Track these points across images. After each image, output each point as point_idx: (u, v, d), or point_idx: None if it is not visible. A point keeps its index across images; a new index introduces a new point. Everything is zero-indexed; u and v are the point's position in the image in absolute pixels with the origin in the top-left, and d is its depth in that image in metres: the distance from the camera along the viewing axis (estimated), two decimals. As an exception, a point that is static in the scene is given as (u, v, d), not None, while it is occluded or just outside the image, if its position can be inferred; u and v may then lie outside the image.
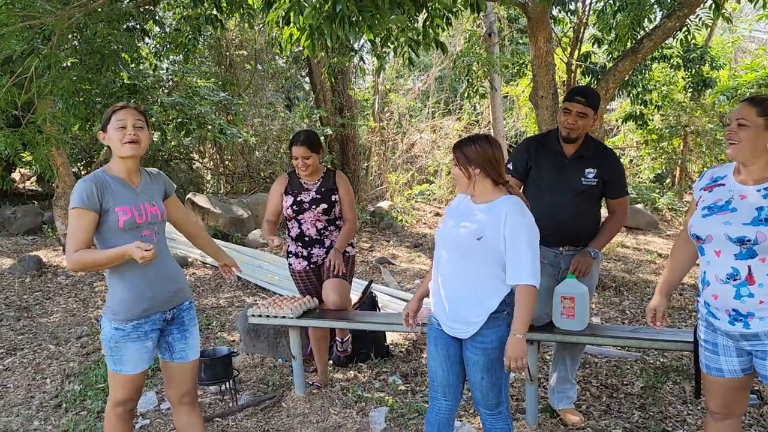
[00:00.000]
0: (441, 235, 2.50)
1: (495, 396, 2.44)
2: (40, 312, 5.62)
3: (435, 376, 2.55)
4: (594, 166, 3.13)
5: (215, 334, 5.06)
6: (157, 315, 2.46)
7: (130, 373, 2.43)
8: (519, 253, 2.31)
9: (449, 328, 2.46)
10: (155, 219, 2.48)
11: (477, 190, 2.43)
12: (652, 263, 7.35)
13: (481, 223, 2.36)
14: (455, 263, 2.42)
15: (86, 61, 4.98)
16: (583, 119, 3.05)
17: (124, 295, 2.40)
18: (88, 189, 2.32)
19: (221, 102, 8.91)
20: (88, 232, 2.33)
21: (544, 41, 5.39)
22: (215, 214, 8.85)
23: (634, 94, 9.26)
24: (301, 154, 3.60)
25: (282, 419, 3.49)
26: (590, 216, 3.19)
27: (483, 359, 2.38)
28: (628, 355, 4.30)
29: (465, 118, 12.45)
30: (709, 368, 2.31)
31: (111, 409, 2.51)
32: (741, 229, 2.10)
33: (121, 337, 2.39)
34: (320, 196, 3.68)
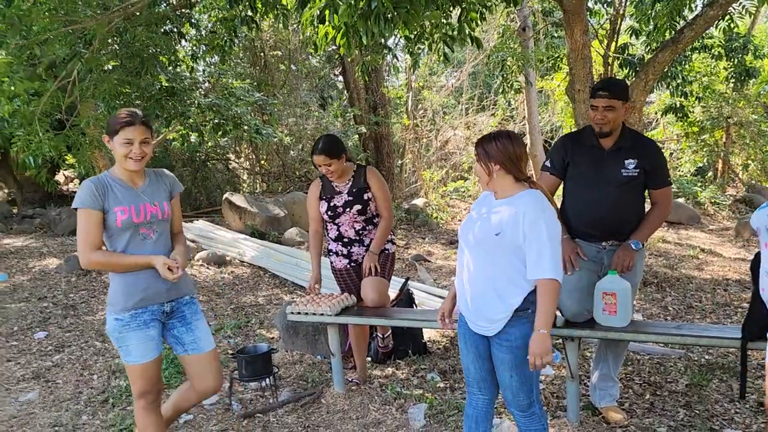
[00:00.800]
0: (462, 232, 2.50)
1: (525, 395, 2.40)
2: (86, 310, 5.78)
3: (468, 372, 2.56)
4: (634, 157, 3.07)
5: (254, 332, 5.13)
6: (155, 306, 2.58)
7: (140, 362, 2.54)
8: (539, 247, 2.27)
9: (475, 326, 2.45)
10: (155, 218, 2.58)
11: (498, 186, 2.42)
12: (695, 258, 7.17)
13: (500, 218, 2.34)
14: (477, 260, 2.41)
15: (126, 65, 5.11)
16: (612, 111, 3.00)
17: (120, 287, 2.53)
18: (90, 189, 2.45)
19: (257, 102, 9.02)
20: (98, 230, 2.47)
21: (580, 34, 5.30)
22: (252, 213, 8.96)
23: (674, 86, 9.05)
24: (321, 162, 3.59)
25: (322, 415, 3.52)
26: (633, 208, 3.12)
27: (509, 357, 2.35)
28: (671, 353, 4.20)
29: (499, 113, 12.34)
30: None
31: (136, 402, 2.63)
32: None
33: (122, 327, 2.51)
34: (352, 197, 3.68)
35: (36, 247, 8.04)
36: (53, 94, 4.41)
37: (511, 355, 2.35)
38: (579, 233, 3.19)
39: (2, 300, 5.96)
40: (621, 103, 3.02)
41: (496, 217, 2.37)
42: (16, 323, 5.35)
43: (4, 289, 6.28)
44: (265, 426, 3.42)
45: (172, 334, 2.68)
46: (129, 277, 2.52)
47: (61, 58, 4.33)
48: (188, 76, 7.91)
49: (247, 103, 8.67)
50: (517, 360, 2.35)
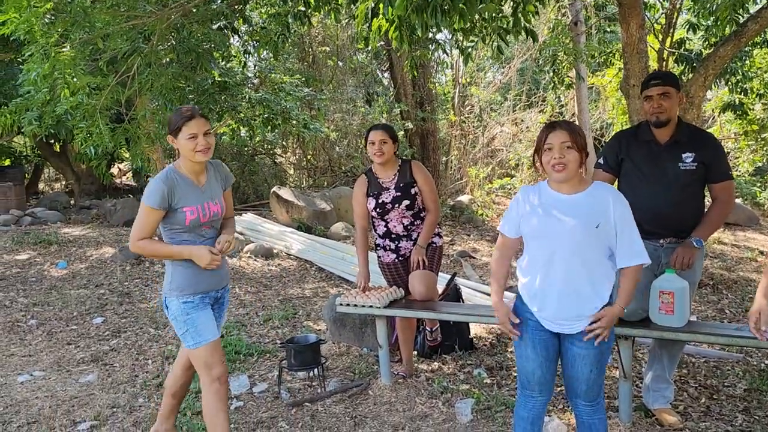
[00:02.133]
0: (545, 229, 2.35)
1: (598, 386, 2.41)
2: (140, 297, 5.96)
3: (532, 377, 2.46)
4: (692, 150, 3.00)
5: (302, 323, 5.20)
6: (213, 292, 2.73)
7: (212, 339, 2.63)
8: (631, 236, 2.33)
9: (555, 326, 2.38)
10: (216, 217, 2.70)
11: (576, 179, 2.34)
12: (753, 261, 6.92)
13: (592, 210, 2.31)
14: (567, 256, 2.31)
15: (182, 60, 5.23)
16: (667, 99, 2.99)
17: (192, 273, 2.63)
18: (161, 191, 2.53)
19: (305, 97, 9.12)
20: (154, 227, 2.60)
21: (636, 27, 5.16)
22: (299, 206, 9.07)
23: (733, 83, 8.72)
24: (378, 137, 3.61)
25: (369, 406, 3.55)
26: (692, 204, 3.03)
27: (594, 352, 2.34)
28: (728, 356, 4.07)
29: (548, 110, 12.13)
30: None
31: (208, 387, 2.64)
32: None
33: (192, 309, 2.62)
34: (400, 193, 3.68)
35: (93, 237, 8.34)
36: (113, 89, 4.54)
37: (597, 350, 2.34)
38: None
39: (62, 286, 6.21)
40: (675, 91, 3.01)
41: (587, 210, 2.31)
42: (75, 309, 5.56)
43: (64, 276, 6.54)
44: (313, 415, 3.46)
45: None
46: (197, 265, 2.62)
47: (121, 53, 4.46)
48: (239, 71, 8.07)
49: (296, 98, 8.79)
50: (600, 354, 2.35)
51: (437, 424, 3.31)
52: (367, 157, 12.18)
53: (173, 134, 2.60)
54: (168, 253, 2.63)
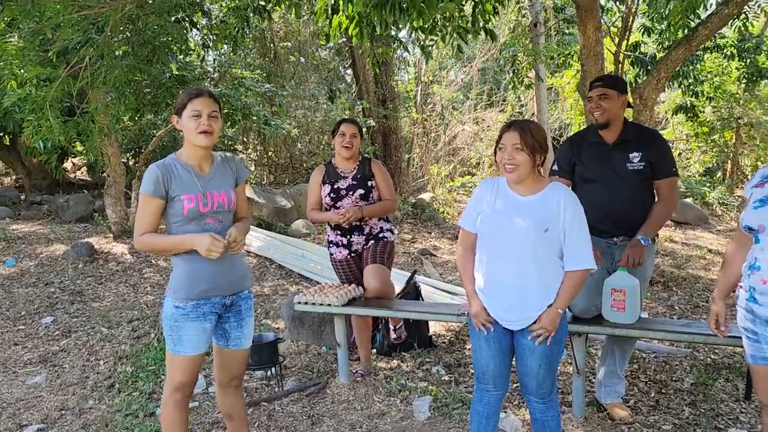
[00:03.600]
0: (496, 228, 2.38)
1: (550, 383, 2.43)
2: (93, 296, 5.81)
3: (486, 370, 2.49)
4: (639, 150, 3.07)
5: (260, 321, 5.14)
6: (218, 298, 2.47)
7: (190, 354, 2.43)
8: (580, 239, 2.33)
9: (506, 322, 2.41)
10: (221, 208, 2.46)
11: (530, 180, 2.36)
12: (702, 258, 7.14)
13: (543, 213, 2.32)
14: (517, 257, 2.34)
15: (138, 52, 5.11)
16: (606, 100, 3.05)
17: (186, 274, 2.41)
18: (155, 176, 2.35)
19: (266, 93, 9.00)
20: (155, 217, 2.39)
21: (593, 30, 5.27)
22: (259, 204, 8.97)
23: (685, 85, 9.01)
24: (350, 131, 3.67)
25: (327, 405, 3.53)
26: (642, 202, 3.11)
27: (542, 347, 2.36)
28: (677, 351, 4.19)
29: (509, 109, 12.30)
30: (754, 358, 2.25)
31: (169, 395, 2.49)
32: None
33: (181, 316, 2.40)
34: (356, 182, 3.71)
35: (43, 233, 8.08)
36: (64, 80, 4.41)
37: (544, 345, 2.36)
38: (590, 229, 3.16)
39: (10, 285, 6.00)
40: (615, 93, 3.06)
41: (538, 213, 2.32)
42: (24, 308, 5.38)
43: (11, 274, 6.32)
44: (270, 414, 3.43)
45: (222, 326, 2.56)
46: (197, 265, 2.41)
47: (73, 44, 4.33)
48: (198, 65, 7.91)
49: (257, 93, 8.66)
50: (548, 349, 2.37)
51: (395, 421, 3.32)
52: (329, 155, 12.13)
53: (178, 113, 2.41)
54: (168, 244, 2.40)
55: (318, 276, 6.29)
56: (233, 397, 2.69)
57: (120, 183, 7.77)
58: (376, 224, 3.78)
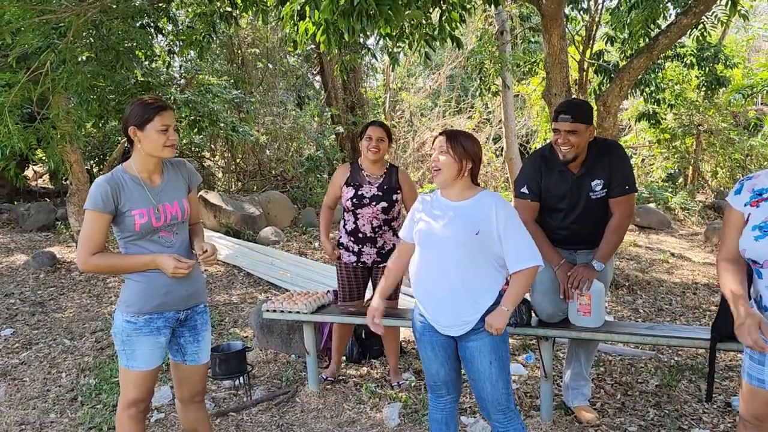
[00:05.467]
0: (428, 235, 2.41)
1: (504, 385, 2.38)
2: (55, 307, 5.66)
3: (437, 377, 2.51)
4: (600, 176, 3.01)
5: (228, 330, 5.08)
6: (171, 313, 2.40)
7: (143, 369, 2.36)
8: (518, 240, 2.34)
9: (443, 328, 2.42)
10: (175, 220, 2.39)
11: (459, 187, 2.40)
12: (665, 262, 7.30)
13: (473, 218, 2.34)
14: (448, 262, 2.36)
15: (101, 58, 5.01)
16: (575, 136, 2.89)
17: (140, 288, 2.34)
18: (104, 192, 2.25)
19: (233, 100, 8.94)
20: (103, 235, 2.29)
21: (557, 38, 5.37)
22: (227, 211, 8.88)
23: (647, 93, 9.22)
24: (377, 134, 3.55)
25: (296, 414, 3.50)
26: (604, 222, 3.09)
27: (488, 342, 2.35)
28: (642, 354, 4.27)
29: (476, 116, 12.42)
30: (751, 377, 2.13)
31: (123, 410, 2.42)
32: None
33: (133, 331, 2.33)
34: (382, 193, 3.60)
35: (3, 243, 7.86)
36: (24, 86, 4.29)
37: (490, 338, 2.35)
38: (553, 242, 3.16)
39: (-33, 296, 5.81)
40: (585, 126, 2.91)
41: (469, 217, 2.35)
42: (-18, 320, 5.21)
43: (-31, 285, 6.12)
44: (238, 425, 3.38)
45: (177, 341, 2.49)
46: (151, 279, 2.34)
47: (33, 49, 4.22)
48: (164, 71, 7.81)
49: (224, 100, 8.60)
50: (494, 343, 2.35)
51: (365, 429, 3.30)
52: (297, 161, 12.07)
53: (138, 126, 2.28)
54: (129, 265, 2.31)
55: (288, 284, 6.24)
56: (196, 413, 2.62)
57: (83, 191, 7.59)
58: (390, 239, 3.70)
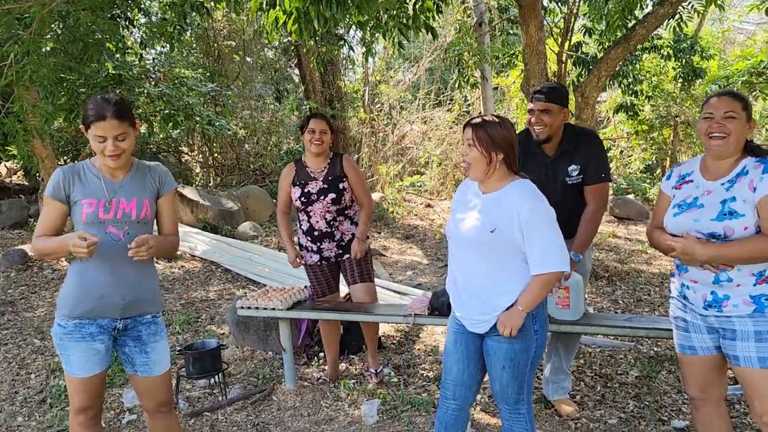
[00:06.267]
0: (451, 231, 2.36)
1: (515, 390, 2.30)
2: (26, 306, 5.51)
3: (449, 374, 2.42)
4: (577, 161, 3.02)
5: (204, 327, 4.98)
6: (106, 321, 2.29)
7: (79, 376, 2.26)
8: (542, 240, 2.16)
9: (470, 324, 2.35)
10: (127, 218, 2.28)
11: (493, 178, 2.26)
12: (644, 253, 7.33)
13: (493, 213, 2.21)
14: (469, 259, 2.29)
15: (69, 50, 4.87)
16: (548, 115, 2.93)
17: (71, 290, 2.27)
18: (57, 179, 2.28)
19: (209, 93, 8.78)
20: (54, 220, 2.29)
21: (535, 29, 5.33)
22: (204, 206, 8.74)
23: (625, 85, 9.25)
24: (319, 127, 3.53)
25: (272, 413, 3.43)
26: (581, 209, 3.06)
27: (505, 347, 2.25)
28: (621, 345, 4.26)
29: (456, 109, 12.38)
30: (682, 347, 2.31)
31: (73, 418, 2.33)
32: (709, 225, 2.12)
33: (64, 335, 2.26)
34: (327, 185, 3.56)
35: (-27, 241, 7.65)
36: (-13, 79, 4.16)
37: (508, 344, 2.24)
38: None
39: (-67, 296, 5.64)
40: (558, 107, 2.95)
41: (488, 212, 2.24)
42: (-52, 321, 5.06)
43: (-65, 285, 5.94)
44: (212, 425, 3.30)
45: (122, 351, 2.39)
46: (84, 281, 2.25)
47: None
48: (137, 64, 7.64)
49: (200, 93, 8.43)
50: (513, 351, 2.25)
51: (343, 427, 3.25)
52: (276, 156, 11.94)
53: (85, 126, 2.24)
54: (53, 245, 2.22)
55: (266, 279, 6.15)
56: (165, 422, 2.51)
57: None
58: (347, 229, 3.65)
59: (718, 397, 2.33)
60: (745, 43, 14.64)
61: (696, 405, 2.36)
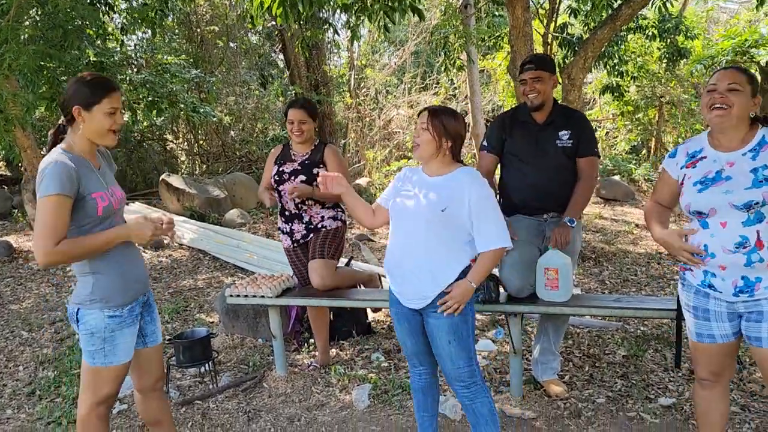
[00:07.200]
0: (399, 209, 2.45)
1: (465, 363, 2.39)
2: (12, 298, 5.46)
3: (406, 347, 2.57)
4: (566, 128, 3.15)
5: (193, 316, 4.97)
6: (141, 297, 2.33)
7: (124, 362, 2.24)
8: (489, 221, 2.34)
9: (406, 301, 2.45)
10: (122, 204, 2.32)
11: (438, 163, 2.41)
12: (630, 234, 7.39)
13: (444, 194, 2.34)
14: (414, 237, 2.38)
15: (48, 37, 4.77)
16: (540, 83, 3.10)
17: (115, 279, 2.21)
18: (69, 173, 2.05)
19: (193, 80, 8.68)
20: (68, 222, 2.07)
21: (521, 11, 5.31)
22: (190, 194, 8.68)
23: (611, 66, 9.24)
24: (297, 117, 3.52)
25: (264, 399, 3.43)
26: (570, 178, 3.15)
27: (446, 321, 2.35)
28: (609, 325, 4.30)
29: (442, 92, 12.34)
30: (700, 336, 2.25)
31: (92, 410, 2.26)
32: (745, 194, 2.05)
33: (118, 325, 2.20)
34: (301, 168, 3.56)
35: (-45, 234, 7.56)
36: (-35, 68, 4.07)
37: (447, 318, 2.35)
38: (520, 207, 3.21)
39: None
40: (548, 75, 3.12)
41: (439, 193, 2.36)
42: (-67, 314, 5.00)
43: None
44: (204, 413, 3.30)
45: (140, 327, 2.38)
46: (124, 266, 2.23)
47: (-27, 28, 3.99)
48: (119, 50, 7.53)
49: (183, 80, 8.33)
50: (453, 324, 2.35)
51: (334, 412, 3.26)
52: (262, 142, 11.86)
53: (85, 107, 2.12)
54: (101, 243, 2.11)
55: (254, 266, 6.13)
56: (159, 401, 2.51)
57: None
58: (317, 213, 3.63)
59: (727, 379, 2.33)
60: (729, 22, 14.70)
61: (703, 385, 2.33)
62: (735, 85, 2.09)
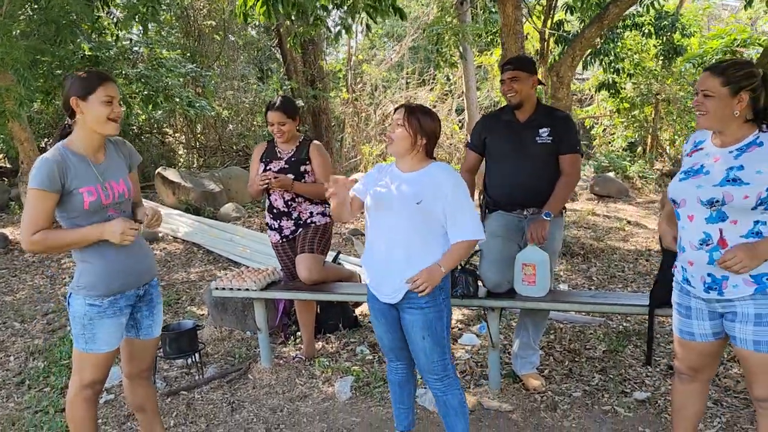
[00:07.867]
0: (374, 204, 2.47)
1: (439, 357, 2.45)
2: (6, 290, 5.53)
3: (382, 342, 2.63)
4: (547, 126, 3.22)
5: (184, 309, 5.04)
6: (132, 291, 2.39)
7: (104, 351, 2.32)
8: (464, 214, 2.40)
9: (382, 296, 2.49)
10: (122, 198, 2.34)
11: (411, 159, 2.46)
12: (621, 230, 7.44)
13: (419, 187, 2.39)
14: (389, 231, 2.43)
15: (42, 32, 4.83)
16: (518, 83, 3.19)
17: (99, 271, 2.29)
18: (51, 170, 2.15)
19: (189, 74, 8.72)
20: (49, 216, 2.19)
21: (512, 8, 5.35)
22: (186, 188, 8.74)
23: (607, 63, 9.29)
24: (276, 119, 3.56)
25: (248, 391, 3.50)
26: (550, 175, 3.21)
27: (420, 317, 2.41)
28: (592, 321, 4.36)
29: (438, 88, 12.37)
30: (681, 332, 2.30)
31: (78, 392, 2.38)
32: (710, 191, 2.08)
33: (96, 314, 2.28)
34: (289, 166, 3.61)
35: (-48, 225, 7.63)
36: (-41, 62, 4.13)
37: (422, 315, 2.40)
38: (500, 204, 3.28)
39: None
40: (526, 74, 3.20)
41: (414, 187, 2.41)
42: (-72, 305, 5.08)
43: None
44: (189, 403, 3.37)
45: (134, 317, 2.46)
46: (112, 258, 2.29)
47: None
48: (114, 45, 7.57)
49: (179, 74, 8.38)
50: (427, 320, 2.41)
51: (316, 403, 3.33)
52: (260, 136, 11.91)
53: (81, 97, 2.20)
54: (75, 239, 2.21)
55: (247, 260, 6.19)
56: (145, 389, 2.62)
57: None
58: (306, 209, 3.68)
59: (707, 377, 2.36)
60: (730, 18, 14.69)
61: (681, 379, 2.37)
62: (706, 91, 2.11)
